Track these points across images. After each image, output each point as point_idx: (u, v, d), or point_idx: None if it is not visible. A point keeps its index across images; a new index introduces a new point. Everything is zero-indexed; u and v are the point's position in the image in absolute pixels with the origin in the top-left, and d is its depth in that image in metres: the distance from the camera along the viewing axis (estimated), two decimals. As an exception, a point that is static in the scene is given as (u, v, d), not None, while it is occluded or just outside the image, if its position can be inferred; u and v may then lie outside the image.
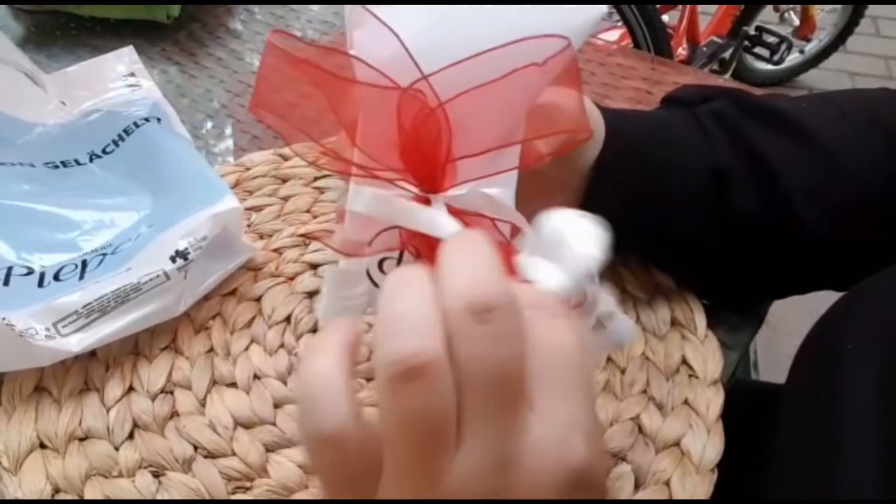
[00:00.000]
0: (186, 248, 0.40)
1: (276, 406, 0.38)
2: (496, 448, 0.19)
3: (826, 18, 2.03)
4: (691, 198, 0.37)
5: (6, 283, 0.40)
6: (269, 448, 0.37)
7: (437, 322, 0.19)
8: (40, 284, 0.40)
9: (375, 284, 0.30)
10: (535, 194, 0.30)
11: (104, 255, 0.41)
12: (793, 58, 2.03)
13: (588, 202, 0.36)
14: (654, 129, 0.38)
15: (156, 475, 0.36)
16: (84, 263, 0.41)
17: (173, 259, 0.40)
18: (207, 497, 0.35)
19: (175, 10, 0.68)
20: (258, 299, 0.43)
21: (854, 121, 0.38)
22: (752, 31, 1.78)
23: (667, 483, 0.34)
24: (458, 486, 0.19)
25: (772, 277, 0.40)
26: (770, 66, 1.95)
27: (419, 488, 0.19)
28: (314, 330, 0.42)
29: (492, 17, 0.28)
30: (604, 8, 0.29)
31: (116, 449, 0.37)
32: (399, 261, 0.29)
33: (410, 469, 0.19)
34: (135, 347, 0.40)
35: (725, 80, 0.62)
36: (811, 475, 0.29)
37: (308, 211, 0.48)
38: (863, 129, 0.38)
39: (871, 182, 0.37)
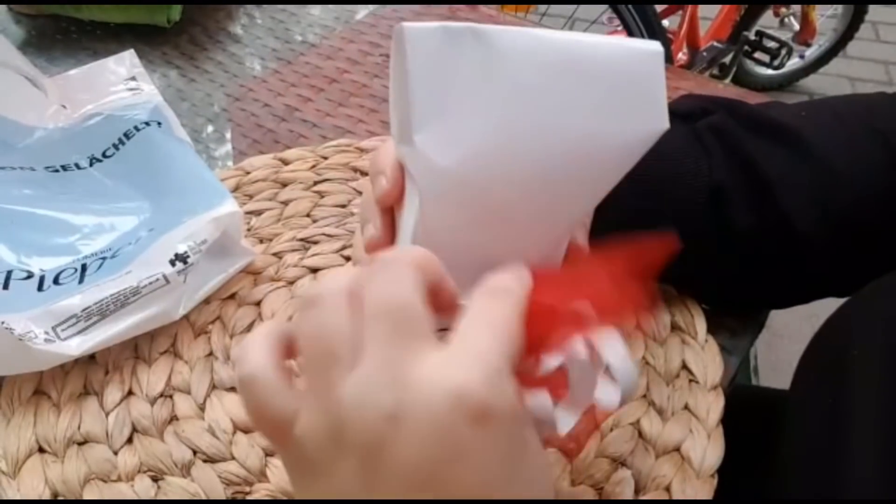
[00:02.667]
0: (186, 252, 0.40)
1: (276, 410, 0.38)
2: (388, 367, 0.21)
3: (826, 23, 2.03)
4: (689, 215, 0.37)
5: (6, 286, 0.40)
6: (269, 452, 0.37)
7: (347, 276, 0.23)
8: (40, 288, 0.40)
9: None
10: None
11: (104, 258, 0.41)
12: (793, 63, 2.03)
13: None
14: (652, 149, 0.38)
15: (155, 479, 0.36)
16: (84, 267, 0.41)
17: (173, 262, 0.40)
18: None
19: (175, 13, 0.69)
20: (258, 303, 0.43)
21: (852, 127, 0.38)
22: (752, 36, 1.78)
23: (667, 488, 0.34)
24: (351, 399, 0.21)
25: (773, 289, 0.40)
26: (770, 71, 1.96)
27: (320, 400, 0.21)
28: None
29: (556, 120, 0.27)
30: (666, 124, 0.28)
31: (115, 453, 0.36)
32: None
33: (312, 384, 0.22)
34: (134, 351, 0.40)
35: (725, 86, 0.62)
36: (816, 478, 0.29)
37: (308, 215, 0.48)
38: (861, 135, 0.38)
39: (870, 189, 0.37)
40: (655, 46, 0.28)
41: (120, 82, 0.55)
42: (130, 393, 0.39)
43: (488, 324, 0.22)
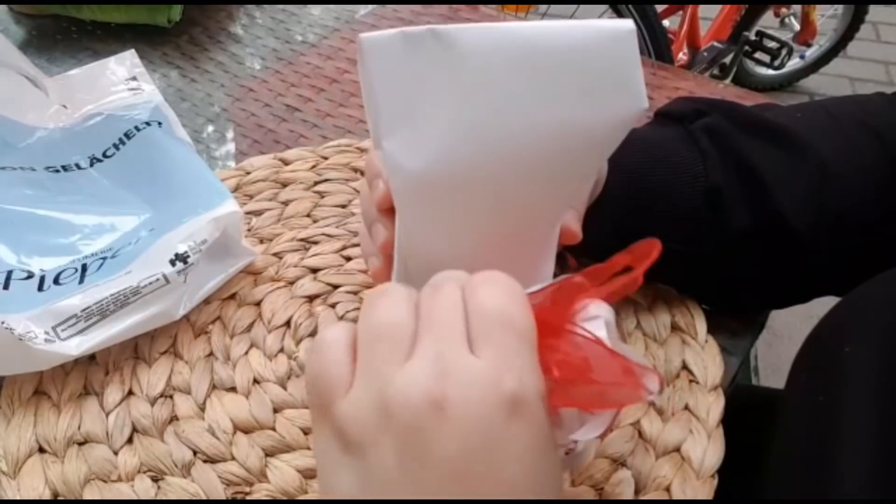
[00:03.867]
0: (186, 252, 0.40)
1: (276, 410, 0.38)
2: (439, 360, 0.22)
3: (826, 24, 2.03)
4: (685, 218, 0.37)
5: (6, 286, 0.40)
6: (269, 453, 0.37)
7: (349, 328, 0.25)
8: (40, 288, 0.40)
9: None
10: None
11: (104, 258, 0.41)
12: (793, 63, 2.03)
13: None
14: (649, 150, 0.38)
15: (155, 480, 0.36)
16: (84, 267, 0.41)
17: (173, 262, 0.40)
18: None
19: (176, 13, 0.69)
20: (258, 303, 0.43)
21: (847, 128, 0.38)
22: (752, 37, 1.78)
23: (667, 489, 0.34)
24: (402, 382, 0.22)
25: (770, 289, 0.40)
26: (771, 72, 1.95)
27: (372, 379, 0.23)
28: (314, 334, 0.42)
29: (530, 113, 0.27)
30: (644, 104, 0.28)
31: (115, 453, 0.36)
32: None
33: (368, 365, 0.23)
34: (134, 351, 0.40)
35: (726, 86, 0.62)
36: (809, 477, 0.29)
37: (308, 215, 0.48)
38: (856, 135, 0.38)
39: (866, 189, 0.37)
40: (627, 25, 0.27)
41: (120, 82, 0.55)
42: (130, 393, 0.39)
43: (517, 330, 0.24)
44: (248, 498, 0.35)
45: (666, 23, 1.62)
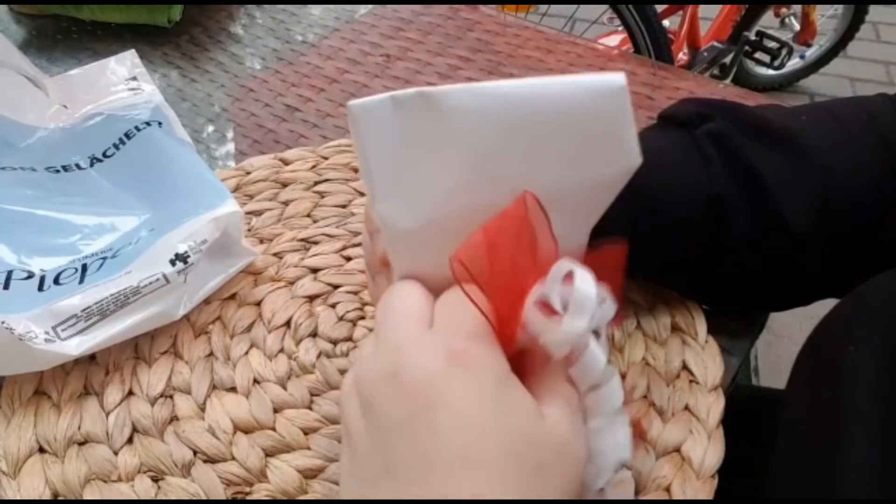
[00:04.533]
0: (186, 252, 0.40)
1: (276, 411, 0.38)
2: (394, 342, 0.26)
3: (826, 24, 2.03)
4: (686, 225, 0.37)
5: (6, 286, 0.40)
6: (269, 453, 0.37)
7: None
8: (40, 288, 0.40)
9: None
10: None
11: (104, 258, 0.41)
12: (793, 63, 2.03)
13: None
14: (651, 157, 0.37)
15: (155, 480, 0.36)
16: (84, 267, 0.41)
17: (173, 262, 0.40)
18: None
19: (176, 13, 0.69)
20: (258, 303, 0.43)
21: (851, 131, 0.38)
22: (752, 37, 1.78)
23: (667, 489, 0.34)
24: (364, 362, 0.26)
25: (772, 293, 0.40)
26: (771, 72, 1.95)
27: (356, 363, 0.28)
28: (314, 334, 0.42)
29: (521, 176, 0.27)
30: (638, 160, 0.27)
31: (116, 453, 0.36)
32: None
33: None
34: (134, 351, 0.40)
35: (726, 86, 0.62)
36: (812, 476, 0.29)
37: (308, 215, 0.48)
38: (860, 138, 0.38)
39: (869, 192, 0.36)
40: (618, 81, 0.26)
41: (121, 82, 0.55)
42: (131, 393, 0.39)
43: (462, 303, 0.25)
44: (248, 498, 0.35)
45: (666, 23, 1.63)
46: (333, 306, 0.43)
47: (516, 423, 0.24)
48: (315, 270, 0.45)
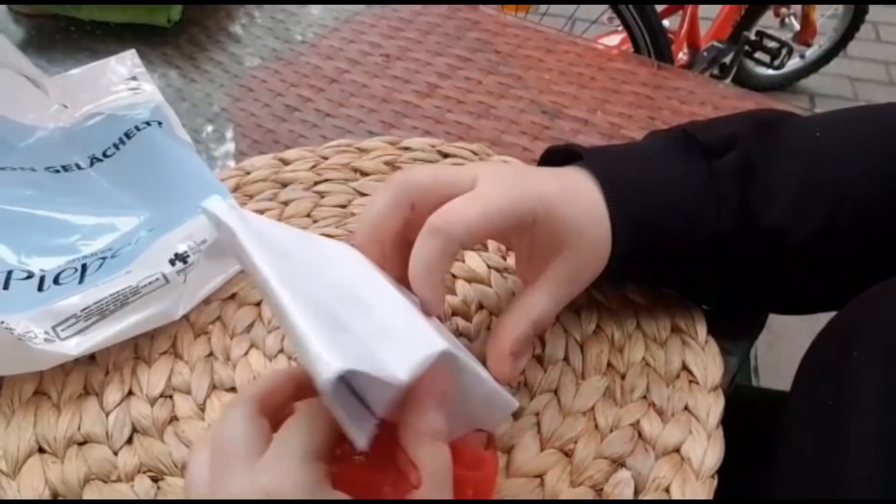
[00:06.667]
0: (186, 252, 0.40)
1: (276, 411, 0.38)
2: (216, 486, 0.27)
3: (826, 24, 2.03)
4: (693, 262, 0.37)
5: (6, 286, 0.40)
6: (269, 453, 0.37)
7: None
8: (40, 288, 0.40)
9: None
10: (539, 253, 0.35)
11: (104, 258, 0.41)
12: (793, 63, 2.03)
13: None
14: (663, 194, 0.37)
15: (155, 480, 0.36)
16: (84, 267, 0.41)
17: (172, 262, 0.40)
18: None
19: (176, 13, 0.69)
20: (258, 304, 0.43)
21: (870, 147, 0.38)
22: (752, 36, 1.78)
23: (666, 489, 0.34)
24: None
25: (773, 306, 0.42)
26: (771, 71, 1.95)
27: None
28: (314, 334, 0.42)
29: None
30: (514, 405, 0.30)
31: (115, 454, 0.36)
32: None
33: None
34: (134, 352, 0.40)
35: (726, 86, 0.62)
36: (815, 480, 0.29)
37: (308, 215, 0.48)
38: (880, 155, 0.37)
39: (883, 207, 0.36)
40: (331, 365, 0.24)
41: (121, 82, 0.55)
42: (130, 393, 0.39)
43: (290, 428, 0.27)
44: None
45: (666, 22, 1.62)
46: (333, 306, 0.43)
47: None
48: (315, 270, 0.45)
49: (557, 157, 0.40)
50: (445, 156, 0.52)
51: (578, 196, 0.35)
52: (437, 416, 0.27)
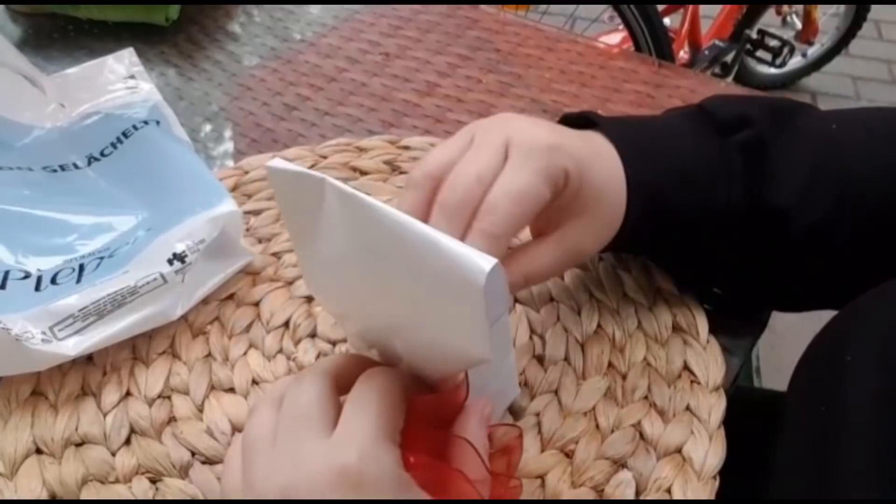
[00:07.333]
0: (184, 251, 0.40)
1: (274, 411, 0.38)
2: (290, 453, 0.27)
3: (828, 22, 2.03)
4: (702, 240, 0.37)
5: (3, 286, 0.39)
6: (267, 454, 0.36)
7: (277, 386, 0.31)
8: (37, 288, 0.40)
9: None
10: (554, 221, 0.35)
11: (101, 258, 0.41)
12: (795, 61, 2.03)
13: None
14: (677, 167, 0.37)
15: (153, 481, 0.35)
16: (81, 267, 0.41)
17: (171, 262, 0.39)
18: None
19: (173, 12, 0.68)
20: (256, 304, 0.43)
21: (884, 144, 0.37)
22: (754, 35, 1.77)
23: (668, 490, 0.34)
24: (258, 475, 0.27)
25: (775, 298, 0.41)
26: (772, 70, 1.95)
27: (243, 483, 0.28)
28: (313, 335, 0.41)
29: (384, 290, 0.29)
30: (488, 356, 0.28)
31: (113, 454, 0.36)
32: None
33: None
34: (132, 352, 0.40)
35: (727, 85, 0.62)
36: (811, 485, 0.29)
37: (307, 214, 0.48)
38: (892, 153, 0.37)
39: (892, 211, 0.36)
40: (479, 275, 0.24)
41: (119, 81, 0.55)
42: (128, 394, 0.39)
43: (363, 404, 0.27)
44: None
45: (667, 21, 1.62)
46: (332, 306, 0.43)
47: None
48: (314, 270, 0.45)
49: (572, 125, 0.40)
50: (445, 154, 0.52)
51: (601, 158, 0.35)
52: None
